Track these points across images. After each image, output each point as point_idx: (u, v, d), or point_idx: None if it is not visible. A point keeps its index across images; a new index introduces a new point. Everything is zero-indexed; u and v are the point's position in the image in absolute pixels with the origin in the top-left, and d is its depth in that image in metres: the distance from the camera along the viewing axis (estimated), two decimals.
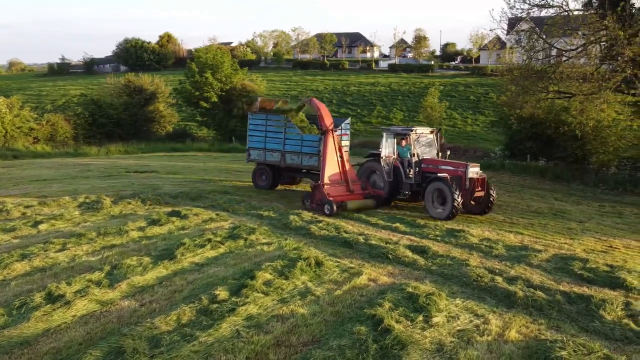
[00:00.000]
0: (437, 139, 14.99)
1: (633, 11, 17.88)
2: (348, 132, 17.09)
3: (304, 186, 17.47)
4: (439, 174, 13.38)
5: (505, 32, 27.74)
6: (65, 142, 36.06)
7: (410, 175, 14.13)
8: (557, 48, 20.73)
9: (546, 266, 9.12)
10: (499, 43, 63.76)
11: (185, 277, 7.89)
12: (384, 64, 74.44)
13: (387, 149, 14.58)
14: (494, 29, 79.41)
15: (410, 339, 5.81)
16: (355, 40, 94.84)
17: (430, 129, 15.32)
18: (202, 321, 6.18)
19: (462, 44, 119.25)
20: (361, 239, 10.48)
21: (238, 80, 40.91)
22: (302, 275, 7.96)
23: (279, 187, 17.56)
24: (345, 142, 16.21)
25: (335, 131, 14.65)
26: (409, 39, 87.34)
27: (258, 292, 7.12)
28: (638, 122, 21.05)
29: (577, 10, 20.30)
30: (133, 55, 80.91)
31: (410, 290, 7.22)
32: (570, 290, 7.78)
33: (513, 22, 25.51)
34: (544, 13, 20.97)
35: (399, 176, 14.28)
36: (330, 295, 7.30)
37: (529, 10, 20.57)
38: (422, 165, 14.19)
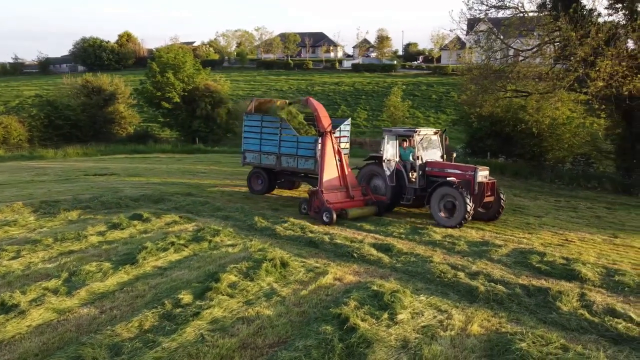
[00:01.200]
0: (441, 141, 14.04)
1: (584, 13, 18.58)
2: (348, 134, 16.26)
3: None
4: (447, 178, 12.48)
5: (464, 32, 28.33)
6: (20, 145, 34.71)
7: (414, 179, 13.27)
8: (514, 48, 21.33)
9: (506, 260, 9.39)
10: (459, 43, 65.23)
11: (147, 282, 7.71)
12: (347, 64, 74.93)
13: (389, 151, 13.63)
14: (454, 30, 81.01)
15: (376, 337, 5.86)
16: (318, 40, 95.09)
17: (434, 130, 14.19)
18: (166, 326, 6.05)
19: (424, 44, 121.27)
20: (326, 238, 10.51)
21: (201, 80, 40.37)
22: (267, 277, 7.91)
23: (272, 191, 16.72)
24: (345, 145, 15.52)
25: (334, 133, 13.87)
26: (372, 39, 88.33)
27: (223, 295, 7.03)
28: (590, 120, 21.88)
29: (532, 11, 20.98)
30: (91, 54, 78.70)
31: (375, 288, 7.29)
32: (529, 283, 8.03)
33: (472, 23, 26.13)
34: (501, 14, 21.58)
35: (401, 180, 13.35)
36: (296, 296, 7.29)
37: (487, 12, 21.12)
38: (427, 169, 13.30)
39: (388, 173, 13.43)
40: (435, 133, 14.05)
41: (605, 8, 19.59)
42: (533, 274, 8.69)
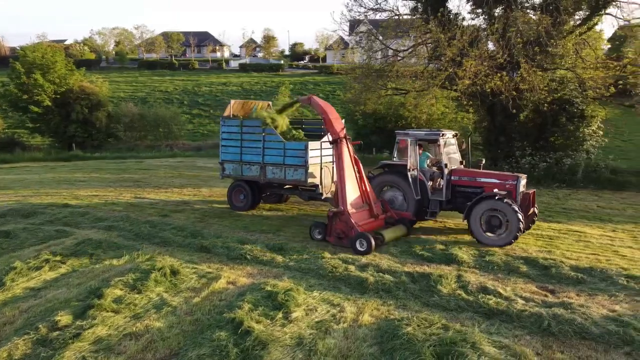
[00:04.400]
0: (459, 145, 12.48)
1: (450, 17, 20.22)
2: None
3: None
4: (495, 190, 10.83)
5: (347, 33, 29.41)
6: None
7: (440, 189, 11.69)
8: (392, 49, 22.59)
9: (393, 251, 9.92)
10: (343, 43, 67.48)
11: (17, 306, 6.96)
12: (234, 64, 74.08)
13: (411, 158, 11.74)
14: (336, 31, 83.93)
15: (271, 338, 5.88)
16: (203, 39, 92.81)
17: (452, 132, 12.40)
18: (40, 353, 5.52)
19: (310, 43, 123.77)
20: (219, 242, 10.29)
21: (75, 81, 37.32)
22: (156, 287, 7.56)
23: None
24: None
25: (348, 138, 11.35)
26: (259, 39, 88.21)
27: (107, 312, 6.59)
28: (461, 115, 23.89)
29: (406, 14, 22.41)
30: None
31: (269, 288, 7.30)
32: (414, 270, 8.56)
33: (353, 24, 27.21)
34: (378, 16, 22.74)
35: (424, 192, 11.72)
36: (188, 304, 7.05)
37: (366, 14, 22.15)
38: (452, 178, 11.61)
39: (413, 184, 11.68)
40: (454, 136, 12.35)
41: (469, 13, 21.52)
42: (417, 261, 9.29)
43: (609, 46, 34.50)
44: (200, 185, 18.68)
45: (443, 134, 11.73)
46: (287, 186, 13.81)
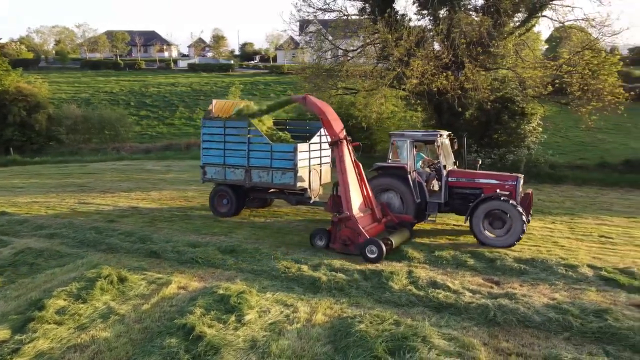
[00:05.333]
0: (451, 145, 12.20)
1: (397, 17, 20.61)
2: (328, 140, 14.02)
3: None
4: (498, 191, 10.68)
5: (296, 33, 29.40)
6: None
7: (436, 190, 11.48)
8: (341, 49, 22.77)
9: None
10: (293, 43, 67.48)
11: None
12: (183, 64, 72.51)
13: (409, 160, 11.50)
14: (286, 30, 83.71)
15: (224, 342, 5.80)
16: (150, 38, 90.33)
17: (447, 133, 12.12)
18: None
19: (260, 43, 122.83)
20: (169, 246, 10.05)
21: (11, 82, 35.46)
22: (103, 295, 7.30)
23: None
24: (328, 153, 13.30)
25: (348, 139, 10.83)
26: (208, 39, 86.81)
27: (49, 324, 6.30)
28: (410, 113, 24.41)
29: (354, 15, 22.62)
30: None
31: (221, 292, 7.19)
32: (366, 268, 8.67)
33: (303, 24, 27.24)
34: (327, 16, 22.86)
35: (422, 195, 11.45)
36: (136, 312, 6.85)
37: (314, 14, 22.21)
38: (449, 179, 11.42)
39: (413, 186, 11.38)
40: (448, 136, 12.10)
41: (415, 14, 22.05)
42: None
43: (546, 47, 36.20)
44: (149, 189, 18.18)
45: (441, 135, 11.49)
46: (272, 190, 13.25)
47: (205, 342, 5.71)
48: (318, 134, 13.04)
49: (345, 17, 22.01)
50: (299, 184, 12.14)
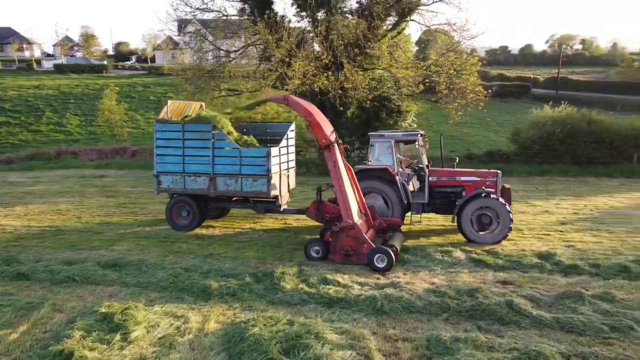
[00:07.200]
0: (423, 145, 11.97)
1: (277, 19, 20.80)
2: (294, 142, 13.02)
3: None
4: (484, 189, 10.71)
5: (175, 33, 28.36)
6: None
7: (420, 191, 11.21)
8: (222, 49, 22.41)
9: (232, 254, 9.87)
10: (172, 43, 64.92)
11: None
12: (48, 64, 66.18)
13: (394, 161, 11.23)
14: (163, 30, 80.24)
15: None
16: (7, 36, 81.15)
17: (420, 132, 11.91)
18: None
19: (136, 43, 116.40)
20: (40, 266, 9.09)
21: None
22: None
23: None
24: (293, 157, 12.76)
25: (339, 143, 10.02)
26: (76, 37, 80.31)
27: None
28: (295, 113, 24.70)
29: (234, 15, 22.42)
30: None
31: (103, 310, 6.70)
32: (257, 270, 8.64)
33: (181, 24, 26.32)
34: (206, 16, 22.35)
35: (407, 196, 11.14)
36: (2, 344, 6.12)
37: (193, 13, 21.59)
38: (430, 178, 11.31)
39: (396, 188, 11.07)
40: (422, 136, 11.92)
41: (294, 15, 22.38)
42: (260, 261, 9.39)
43: (417, 48, 38.97)
44: (13, 204, 16.35)
45: (422, 134, 11.23)
46: (235, 199, 12.26)
47: None
48: (285, 136, 12.27)
49: (225, 17, 21.70)
50: (272, 192, 11.35)
